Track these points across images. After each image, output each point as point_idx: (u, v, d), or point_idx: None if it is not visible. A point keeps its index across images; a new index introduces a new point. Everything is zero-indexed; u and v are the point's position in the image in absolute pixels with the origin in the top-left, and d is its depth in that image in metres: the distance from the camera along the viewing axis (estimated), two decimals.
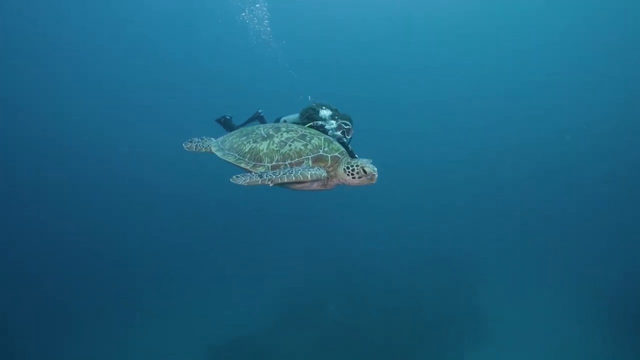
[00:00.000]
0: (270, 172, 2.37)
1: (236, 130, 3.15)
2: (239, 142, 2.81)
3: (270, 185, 2.29)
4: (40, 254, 11.37)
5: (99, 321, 8.88)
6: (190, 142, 3.36)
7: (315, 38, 20.96)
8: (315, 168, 2.47)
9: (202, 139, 3.36)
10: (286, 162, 2.51)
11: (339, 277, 9.80)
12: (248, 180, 2.27)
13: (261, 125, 2.98)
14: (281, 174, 2.31)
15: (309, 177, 2.35)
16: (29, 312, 8.96)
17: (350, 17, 20.56)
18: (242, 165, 2.64)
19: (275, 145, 2.60)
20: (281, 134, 2.70)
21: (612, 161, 16.80)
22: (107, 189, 15.05)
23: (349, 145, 4.09)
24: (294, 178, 2.30)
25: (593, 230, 12.78)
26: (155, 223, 13.32)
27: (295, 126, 2.89)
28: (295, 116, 4.03)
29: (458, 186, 16.53)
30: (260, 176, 2.30)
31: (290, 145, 2.58)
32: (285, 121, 4.16)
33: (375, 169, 2.53)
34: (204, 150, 3.24)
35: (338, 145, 2.75)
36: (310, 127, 3.68)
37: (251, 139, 2.76)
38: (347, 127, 3.88)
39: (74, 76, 17.62)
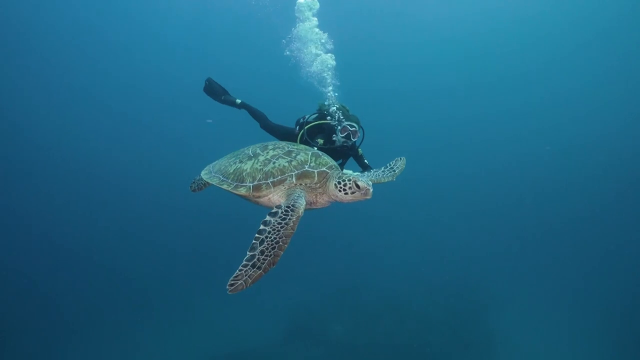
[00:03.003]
0: (259, 254, 1.99)
1: (231, 153, 2.98)
2: (227, 164, 2.67)
3: (271, 266, 1.97)
4: (43, 258, 11.34)
5: (101, 328, 8.78)
6: (193, 182, 3.32)
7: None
8: (291, 209, 2.16)
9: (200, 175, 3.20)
10: (268, 181, 2.33)
11: (345, 296, 9.63)
12: (250, 282, 1.93)
13: (251, 145, 2.83)
14: (270, 250, 1.97)
15: (293, 225, 2.07)
16: (33, 318, 8.89)
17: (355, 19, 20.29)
18: (224, 186, 2.48)
19: (259, 164, 2.47)
20: (267, 152, 2.55)
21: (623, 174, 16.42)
22: (112, 194, 15.00)
23: (359, 149, 3.85)
24: (285, 240, 2.01)
25: (608, 250, 12.43)
26: (159, 231, 13.23)
27: (284, 143, 2.72)
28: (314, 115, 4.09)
29: (467, 203, 16.28)
30: (255, 266, 1.94)
31: (274, 163, 2.43)
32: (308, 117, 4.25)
33: (370, 182, 2.28)
34: (204, 186, 3.21)
35: (327, 159, 2.54)
36: (319, 125, 3.81)
37: (237, 159, 2.62)
38: (353, 129, 3.66)
39: (75, 79, 17.56)
